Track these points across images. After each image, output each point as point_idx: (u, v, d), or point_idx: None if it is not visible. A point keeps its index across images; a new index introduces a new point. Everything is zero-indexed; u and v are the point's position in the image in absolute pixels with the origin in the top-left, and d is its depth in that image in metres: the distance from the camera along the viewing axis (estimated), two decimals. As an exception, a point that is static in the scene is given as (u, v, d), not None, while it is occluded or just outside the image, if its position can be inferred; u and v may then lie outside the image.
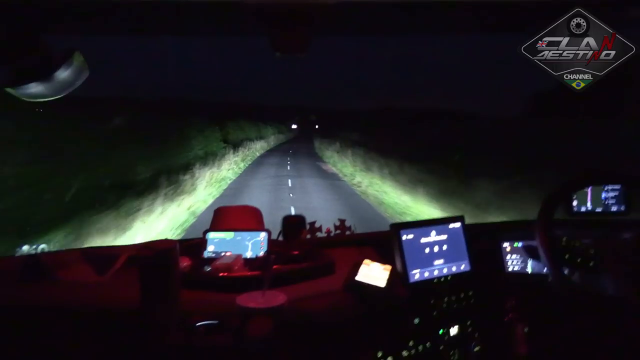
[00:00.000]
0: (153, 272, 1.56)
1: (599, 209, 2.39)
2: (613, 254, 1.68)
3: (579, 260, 1.70)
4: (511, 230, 2.33)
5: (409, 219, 12.78)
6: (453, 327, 1.98)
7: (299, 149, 56.35)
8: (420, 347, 1.88)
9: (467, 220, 2.15)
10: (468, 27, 2.10)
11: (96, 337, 1.66)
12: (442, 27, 2.14)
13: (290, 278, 1.92)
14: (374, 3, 1.49)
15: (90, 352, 1.64)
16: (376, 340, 1.79)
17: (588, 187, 2.32)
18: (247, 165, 31.84)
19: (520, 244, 2.24)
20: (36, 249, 2.52)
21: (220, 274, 1.92)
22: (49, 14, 1.40)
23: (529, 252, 2.04)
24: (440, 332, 1.95)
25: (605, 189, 2.38)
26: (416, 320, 1.89)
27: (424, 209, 14.83)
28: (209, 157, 25.97)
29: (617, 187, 2.37)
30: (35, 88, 1.35)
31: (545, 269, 2.16)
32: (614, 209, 2.38)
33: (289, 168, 30.76)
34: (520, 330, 2.03)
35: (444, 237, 2.04)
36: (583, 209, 2.41)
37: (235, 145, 37.01)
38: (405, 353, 1.84)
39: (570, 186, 1.93)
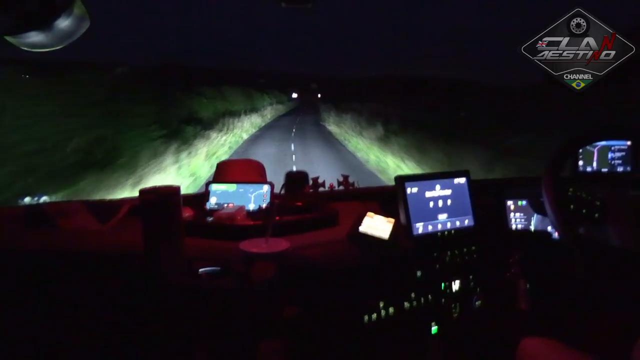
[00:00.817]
0: (156, 214, 1.55)
1: (605, 169, 2.37)
2: (619, 207, 1.67)
3: (584, 211, 1.69)
4: (515, 187, 2.31)
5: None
6: (455, 281, 1.98)
7: (303, 124, 45.89)
8: (422, 300, 1.89)
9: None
10: None
11: (100, 279, 1.67)
12: None
13: (294, 227, 1.91)
14: None
15: (94, 293, 1.65)
16: (378, 290, 1.79)
17: (596, 141, 2.28)
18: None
19: (524, 203, 2.22)
20: (38, 199, 2.52)
21: (223, 223, 1.92)
22: None
23: (534, 206, 2.02)
24: (442, 285, 1.95)
25: (612, 148, 2.36)
26: (419, 273, 1.90)
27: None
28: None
29: (624, 147, 2.34)
30: (35, 37, 1.31)
31: (549, 226, 2.16)
32: (620, 169, 2.36)
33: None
34: (522, 286, 2.03)
35: (448, 191, 2.03)
36: (589, 168, 2.39)
37: (206, 126, 25.70)
38: (407, 304, 1.85)
39: (579, 140, 1.90)
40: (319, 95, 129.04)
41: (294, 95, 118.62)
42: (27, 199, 2.40)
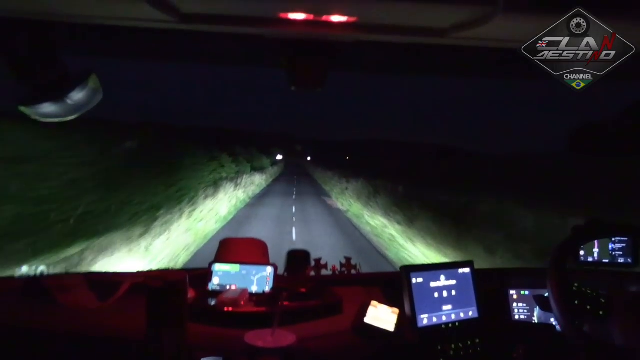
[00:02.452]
0: (162, 303, 1.53)
1: (606, 260, 2.38)
2: (623, 305, 1.67)
3: (588, 307, 1.69)
4: (518, 277, 2.31)
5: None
6: None
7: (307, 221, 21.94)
8: None
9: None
10: (476, 70, 2.14)
11: None
12: (453, 70, 2.19)
13: (298, 316, 1.89)
14: (389, 43, 1.52)
15: None
16: None
17: (596, 239, 2.31)
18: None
19: (527, 292, 2.22)
20: (35, 270, 2.49)
21: (226, 308, 1.89)
22: (69, 34, 1.42)
23: (539, 302, 2.01)
24: None
25: (613, 240, 2.37)
26: None
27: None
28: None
29: (624, 239, 2.36)
30: (48, 108, 1.35)
31: (552, 319, 2.14)
32: (621, 260, 2.37)
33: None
34: None
35: (453, 282, 2.03)
36: (590, 259, 2.40)
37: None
38: None
39: (581, 236, 1.92)
40: (309, 158, 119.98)
41: (278, 157, 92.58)
42: (24, 269, 2.36)
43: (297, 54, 1.54)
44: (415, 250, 16.70)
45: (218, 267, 2.21)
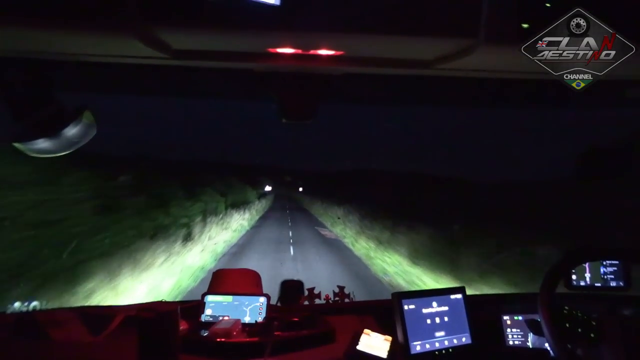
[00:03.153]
0: (153, 334, 1.53)
1: (598, 284, 2.39)
2: (614, 328, 1.67)
3: (579, 330, 1.69)
4: (512, 303, 2.31)
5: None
6: None
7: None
8: None
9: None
10: (466, 101, 2.20)
11: None
12: (440, 99, 2.24)
13: (291, 345, 1.88)
14: (378, 75, 1.56)
15: None
16: None
17: (586, 262, 2.32)
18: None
19: (520, 318, 2.22)
20: (28, 306, 2.47)
21: (218, 339, 1.88)
22: (63, 71, 1.45)
23: (531, 326, 2.02)
24: None
25: (604, 264, 2.39)
26: None
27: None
28: None
29: (615, 262, 2.38)
30: (42, 144, 1.36)
31: (546, 344, 2.14)
32: (612, 284, 2.37)
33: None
34: None
35: (445, 308, 2.03)
36: (582, 283, 2.41)
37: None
38: None
39: (571, 260, 1.94)
40: (300, 189, 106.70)
41: (267, 189, 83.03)
42: (17, 304, 2.35)
43: (286, 88, 1.58)
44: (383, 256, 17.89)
45: (211, 299, 2.21)
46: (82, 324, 2.03)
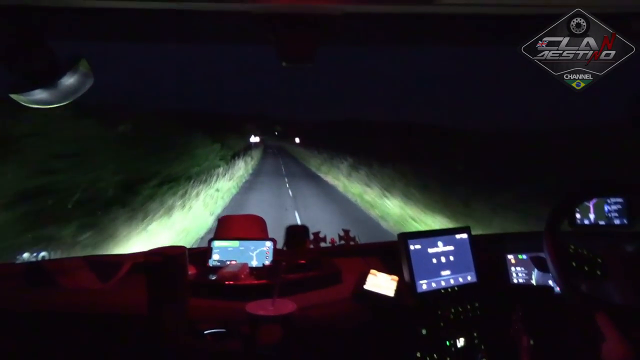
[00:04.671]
0: (162, 277, 1.54)
1: (602, 222, 2.39)
2: (620, 264, 1.68)
3: (586, 268, 1.70)
4: (515, 242, 2.33)
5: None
6: (460, 338, 1.97)
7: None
8: (428, 358, 1.87)
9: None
10: (470, 39, 2.14)
11: (102, 343, 1.64)
12: (445, 39, 2.18)
13: (298, 287, 1.91)
14: (378, 14, 1.51)
15: (96, 356, 1.62)
16: (384, 349, 1.78)
17: (593, 198, 2.32)
18: None
19: (524, 256, 2.24)
20: (37, 256, 2.50)
21: (227, 282, 1.91)
22: (56, 19, 1.41)
23: (536, 263, 2.03)
24: (447, 343, 1.94)
25: (608, 201, 2.38)
26: (423, 331, 1.89)
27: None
28: None
29: (619, 200, 2.37)
30: (39, 94, 1.34)
31: (550, 280, 2.16)
32: (617, 222, 2.37)
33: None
34: (525, 342, 2.02)
35: (450, 247, 2.04)
36: (586, 221, 2.41)
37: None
38: None
39: (576, 197, 1.93)
40: (297, 140, 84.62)
41: (254, 140, 65.95)
42: (25, 255, 2.38)
43: (285, 29, 1.54)
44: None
45: (217, 244, 2.23)
46: (91, 272, 2.06)
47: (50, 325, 1.70)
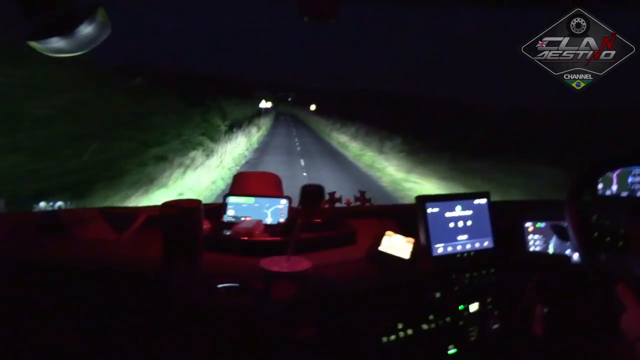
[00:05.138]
0: (177, 230, 1.54)
1: (624, 193, 2.34)
2: None
3: (607, 239, 1.67)
4: (534, 210, 2.29)
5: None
6: (473, 303, 1.96)
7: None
8: (440, 322, 1.86)
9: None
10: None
11: (116, 293, 1.65)
12: None
13: (313, 245, 1.90)
14: None
15: (109, 307, 1.63)
16: (397, 311, 1.77)
17: (617, 168, 2.26)
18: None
19: (542, 224, 2.20)
20: (53, 205, 2.52)
21: (241, 238, 1.90)
22: None
23: (556, 231, 2.00)
24: (461, 307, 1.92)
25: (632, 172, 2.32)
26: (437, 295, 1.87)
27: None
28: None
29: None
30: (57, 43, 1.32)
31: (568, 250, 2.13)
32: (639, 194, 2.32)
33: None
34: (539, 311, 2.00)
35: (469, 212, 2.01)
36: (608, 192, 2.36)
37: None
38: (425, 326, 1.82)
39: (599, 166, 1.88)
40: (313, 107, 76.19)
41: (265, 106, 59.05)
42: (42, 204, 2.41)
43: None
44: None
45: (232, 200, 2.22)
46: (106, 223, 2.07)
47: (63, 275, 1.71)
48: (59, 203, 2.52)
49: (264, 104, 58.48)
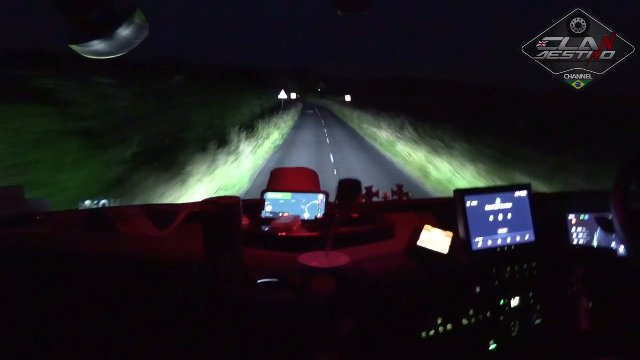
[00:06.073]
0: (217, 226, 1.57)
1: None
2: None
3: None
4: (578, 201, 2.23)
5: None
6: (514, 298, 1.93)
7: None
8: (481, 317, 1.84)
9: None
10: None
11: (160, 287, 1.70)
12: None
13: (351, 240, 1.90)
14: None
15: (154, 300, 1.68)
16: (437, 306, 1.76)
17: None
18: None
19: (587, 217, 2.15)
20: (97, 203, 2.60)
21: (280, 234, 1.93)
22: None
23: (602, 224, 1.94)
24: (502, 302, 1.90)
25: None
26: (478, 289, 1.85)
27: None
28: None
29: None
30: (97, 45, 1.35)
31: (614, 243, 2.07)
32: None
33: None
34: (585, 305, 1.96)
35: (509, 205, 1.97)
36: None
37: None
38: (465, 321, 1.81)
39: None
40: (348, 98, 65.12)
41: (284, 96, 48.09)
42: (87, 202, 2.50)
43: None
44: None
45: (270, 196, 2.24)
46: (148, 219, 2.12)
47: (109, 269, 1.77)
48: (104, 201, 2.60)
49: (284, 95, 46.22)
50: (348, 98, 65.59)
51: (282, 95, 45.80)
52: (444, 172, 17.05)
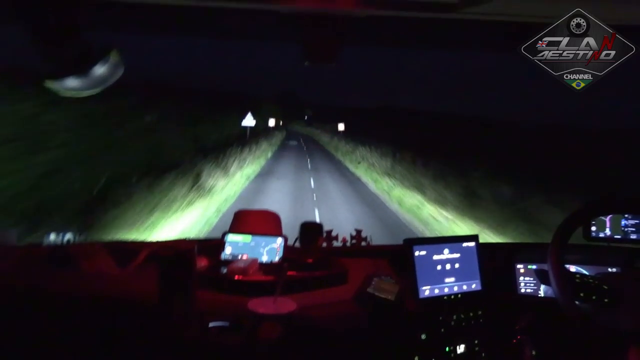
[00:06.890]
0: (172, 270, 1.62)
1: (617, 236, 2.36)
2: (632, 287, 1.65)
3: (594, 297, 1.67)
4: (526, 251, 2.32)
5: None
6: (460, 345, 1.99)
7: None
8: None
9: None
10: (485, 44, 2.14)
11: (114, 326, 1.73)
12: (462, 44, 2.19)
13: (303, 285, 1.96)
14: (399, 17, 1.54)
15: (107, 339, 1.70)
16: (382, 353, 1.82)
17: (607, 215, 2.30)
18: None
19: (534, 267, 2.23)
20: (62, 238, 2.61)
21: (236, 277, 1.98)
22: (91, 11, 1.49)
23: (539, 276, 2.02)
24: (447, 349, 1.96)
25: (625, 216, 2.35)
26: (423, 336, 1.91)
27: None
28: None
29: (637, 215, 2.34)
30: (72, 82, 1.41)
31: None
32: (633, 236, 2.35)
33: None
34: (528, 353, 2.02)
35: (456, 255, 2.06)
36: (601, 234, 2.39)
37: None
38: None
39: (588, 212, 1.91)
40: (341, 127, 53.72)
41: (252, 123, 30.94)
42: (52, 236, 2.52)
43: (309, 29, 1.58)
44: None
45: (231, 238, 2.30)
46: (109, 257, 2.15)
47: (64, 307, 1.79)
48: (68, 236, 2.62)
49: (250, 121, 30.99)
50: (341, 127, 54.13)
51: (248, 121, 30.90)
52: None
